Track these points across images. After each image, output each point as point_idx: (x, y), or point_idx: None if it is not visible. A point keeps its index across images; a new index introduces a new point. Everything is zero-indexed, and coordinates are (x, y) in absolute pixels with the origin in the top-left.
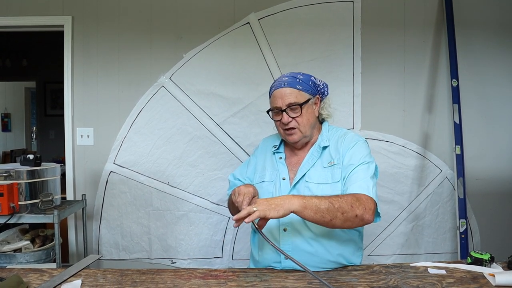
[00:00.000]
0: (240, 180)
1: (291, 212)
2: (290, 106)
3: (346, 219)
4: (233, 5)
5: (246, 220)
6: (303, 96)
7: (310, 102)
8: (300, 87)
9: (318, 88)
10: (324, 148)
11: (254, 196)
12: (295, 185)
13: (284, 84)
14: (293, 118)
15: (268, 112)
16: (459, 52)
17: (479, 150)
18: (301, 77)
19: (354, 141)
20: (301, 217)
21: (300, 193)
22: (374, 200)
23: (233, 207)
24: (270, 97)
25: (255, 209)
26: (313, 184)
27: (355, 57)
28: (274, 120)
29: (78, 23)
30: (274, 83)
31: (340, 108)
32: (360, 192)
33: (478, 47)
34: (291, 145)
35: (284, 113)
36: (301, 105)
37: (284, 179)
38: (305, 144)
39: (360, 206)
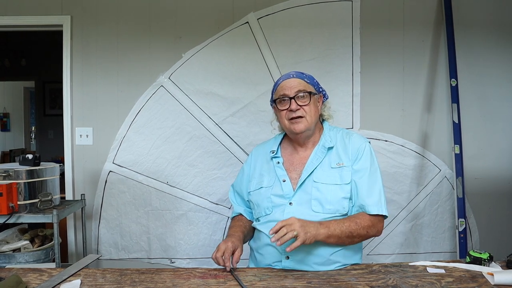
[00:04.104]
0: (239, 197)
1: (315, 240)
2: (299, 93)
3: (360, 241)
4: (232, 4)
5: (287, 249)
6: (310, 88)
7: (316, 96)
8: (308, 81)
9: (321, 89)
10: (330, 148)
11: (235, 249)
12: (301, 185)
13: (293, 76)
14: (301, 106)
15: (273, 103)
16: (458, 51)
17: (478, 149)
18: (307, 74)
19: (363, 146)
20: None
21: (307, 193)
22: (384, 218)
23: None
24: (274, 91)
25: (295, 233)
26: (322, 184)
27: (354, 57)
28: (280, 110)
29: (77, 22)
30: (280, 78)
31: (339, 107)
32: (374, 211)
33: (477, 47)
34: (294, 137)
35: (292, 100)
36: (310, 93)
37: (284, 181)
38: (306, 142)
39: (373, 229)
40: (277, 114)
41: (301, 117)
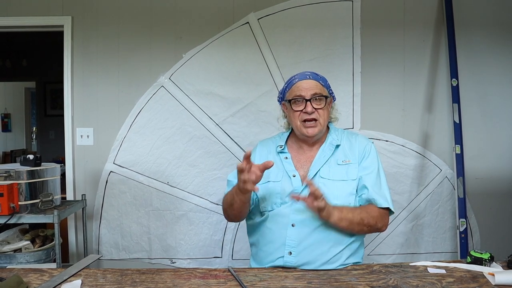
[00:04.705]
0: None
1: (328, 221)
2: (316, 96)
3: (368, 231)
4: (233, 5)
5: (314, 204)
6: (325, 92)
7: (328, 99)
8: (322, 83)
9: (331, 92)
10: (337, 146)
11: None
12: None
13: (309, 77)
14: (316, 109)
15: (282, 101)
16: (459, 51)
17: (479, 149)
18: (321, 76)
19: (369, 145)
20: (333, 225)
21: None
22: (390, 214)
23: (231, 204)
24: (288, 89)
25: (321, 205)
26: (329, 180)
27: (354, 57)
28: (294, 111)
29: (78, 23)
30: (295, 76)
31: (340, 108)
32: (384, 204)
33: (478, 47)
34: (305, 139)
35: (308, 102)
36: (326, 97)
37: (294, 176)
38: (314, 142)
39: (382, 221)
40: (288, 113)
41: (315, 120)
